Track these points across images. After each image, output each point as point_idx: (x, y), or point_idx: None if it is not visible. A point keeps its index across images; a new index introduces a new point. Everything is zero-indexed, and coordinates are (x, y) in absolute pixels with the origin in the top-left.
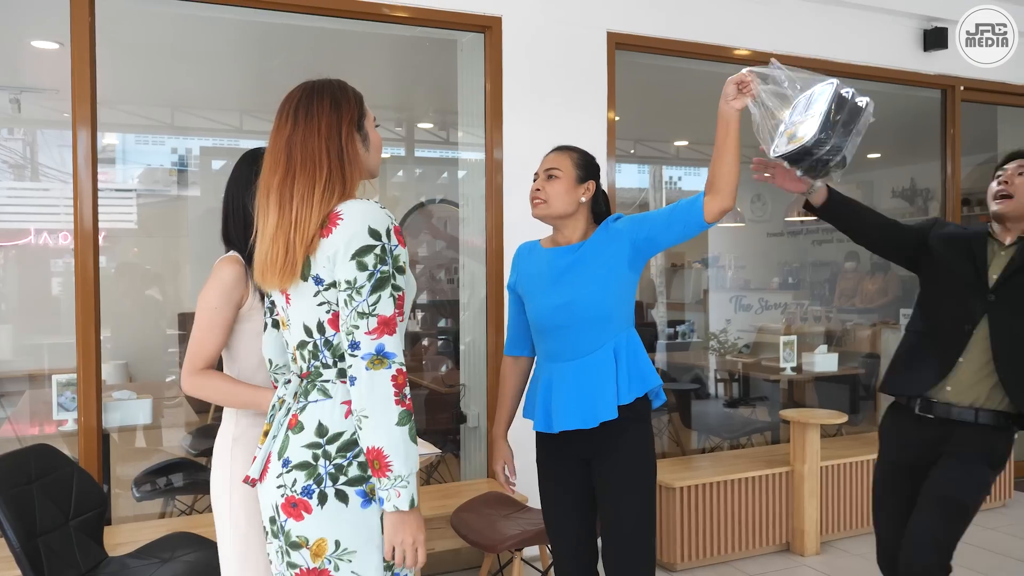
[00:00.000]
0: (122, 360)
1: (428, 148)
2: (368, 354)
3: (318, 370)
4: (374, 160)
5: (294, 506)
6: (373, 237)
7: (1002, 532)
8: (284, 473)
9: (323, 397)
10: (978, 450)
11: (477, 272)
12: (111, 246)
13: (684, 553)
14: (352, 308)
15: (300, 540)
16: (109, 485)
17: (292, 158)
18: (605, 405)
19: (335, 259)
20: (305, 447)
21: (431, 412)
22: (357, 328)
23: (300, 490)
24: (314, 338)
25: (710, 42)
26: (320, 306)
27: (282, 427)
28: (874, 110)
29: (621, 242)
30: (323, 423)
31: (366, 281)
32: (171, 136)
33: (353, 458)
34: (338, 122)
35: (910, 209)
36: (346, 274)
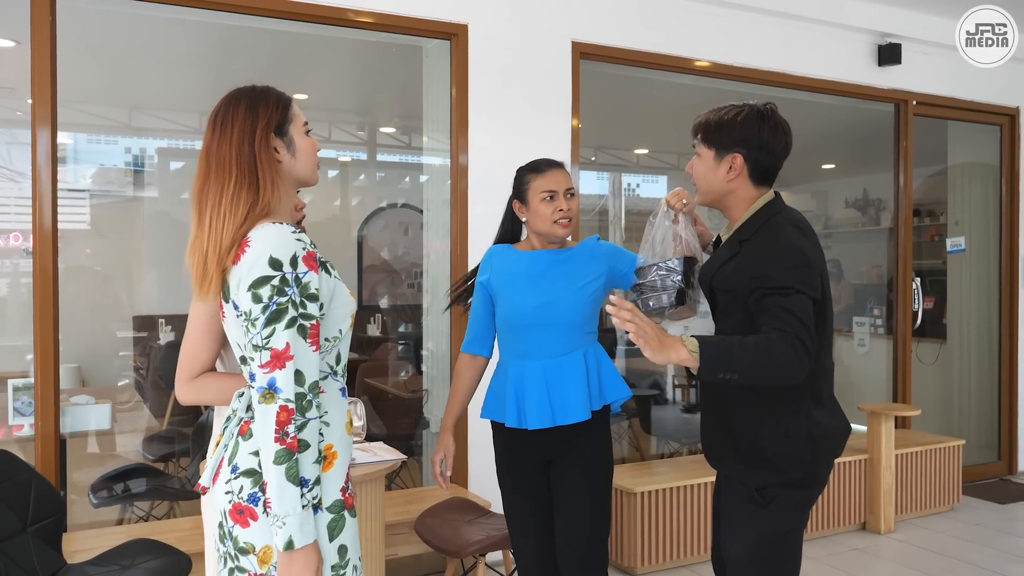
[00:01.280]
0: (74, 363)
1: (390, 152)
2: (260, 387)
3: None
4: (303, 167)
5: (240, 512)
6: (272, 267)
7: (950, 535)
8: (232, 479)
9: None
10: None
11: (439, 277)
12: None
13: (644, 557)
14: (248, 339)
15: (247, 546)
16: (65, 491)
17: (208, 166)
18: (576, 406)
19: (239, 286)
20: (252, 454)
21: (393, 417)
22: (252, 360)
23: (246, 497)
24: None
25: (672, 53)
26: (244, 325)
27: (233, 435)
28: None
29: (603, 264)
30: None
31: (260, 313)
32: (126, 136)
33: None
34: (252, 127)
35: (862, 219)
36: (244, 304)
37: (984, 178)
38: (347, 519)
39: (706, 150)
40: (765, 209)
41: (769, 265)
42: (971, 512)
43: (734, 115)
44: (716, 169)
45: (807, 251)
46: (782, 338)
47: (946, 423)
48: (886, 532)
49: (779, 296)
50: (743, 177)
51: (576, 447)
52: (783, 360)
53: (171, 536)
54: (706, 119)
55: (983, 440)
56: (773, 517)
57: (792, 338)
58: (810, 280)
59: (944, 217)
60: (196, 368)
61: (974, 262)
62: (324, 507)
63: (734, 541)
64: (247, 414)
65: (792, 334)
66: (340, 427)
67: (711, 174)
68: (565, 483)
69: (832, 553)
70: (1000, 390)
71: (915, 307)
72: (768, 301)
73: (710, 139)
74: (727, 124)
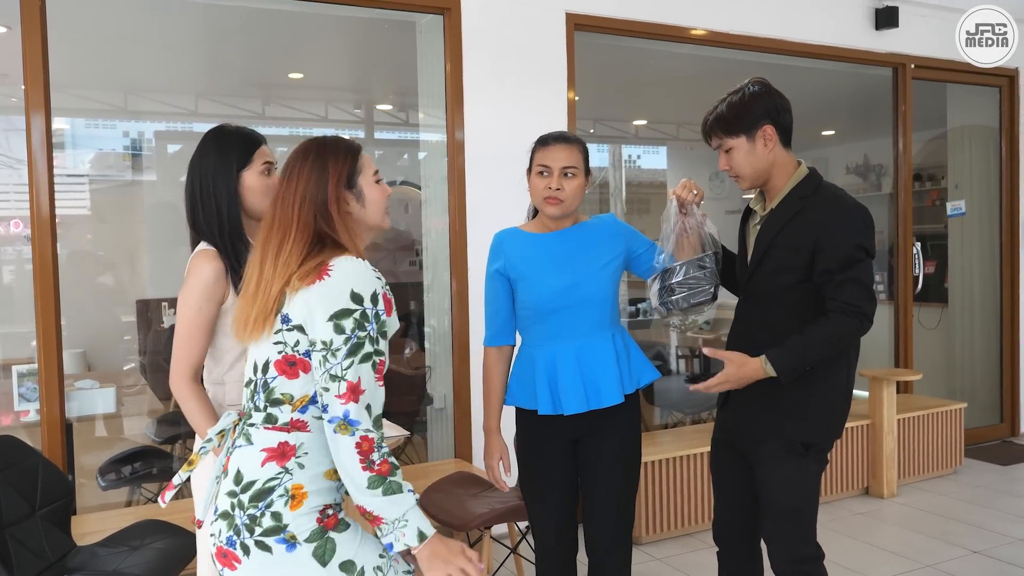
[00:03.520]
0: (79, 348)
1: (388, 130)
2: (335, 418)
3: (250, 412)
4: (373, 216)
5: (224, 556)
6: (354, 301)
7: (953, 497)
8: (213, 522)
9: (246, 443)
10: None
11: (440, 254)
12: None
13: (648, 526)
14: (325, 370)
15: None
16: (73, 475)
17: (275, 217)
18: (609, 389)
19: (312, 313)
20: (227, 495)
21: (397, 394)
22: (327, 391)
23: (225, 541)
24: (256, 377)
25: (668, 22)
26: (276, 344)
27: (218, 474)
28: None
29: (621, 243)
30: (241, 470)
31: (342, 345)
32: (123, 120)
33: (265, 508)
34: (322, 184)
35: (863, 184)
36: (323, 335)
37: (984, 141)
38: (335, 536)
39: (735, 140)
40: (813, 173)
41: (843, 222)
42: (973, 474)
43: (740, 98)
44: (754, 149)
45: (868, 212)
46: (844, 320)
47: (948, 387)
48: (889, 496)
49: (851, 267)
50: (777, 144)
51: (608, 426)
52: (849, 338)
53: (179, 516)
54: (717, 115)
55: (985, 403)
56: (811, 462)
57: (857, 314)
58: (873, 239)
59: (945, 181)
60: (193, 364)
61: (975, 226)
62: (301, 541)
63: (788, 494)
64: (230, 444)
65: (857, 311)
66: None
67: (751, 156)
68: (597, 462)
69: (835, 518)
70: (1002, 353)
71: (916, 272)
72: (840, 276)
73: (733, 128)
74: (742, 106)
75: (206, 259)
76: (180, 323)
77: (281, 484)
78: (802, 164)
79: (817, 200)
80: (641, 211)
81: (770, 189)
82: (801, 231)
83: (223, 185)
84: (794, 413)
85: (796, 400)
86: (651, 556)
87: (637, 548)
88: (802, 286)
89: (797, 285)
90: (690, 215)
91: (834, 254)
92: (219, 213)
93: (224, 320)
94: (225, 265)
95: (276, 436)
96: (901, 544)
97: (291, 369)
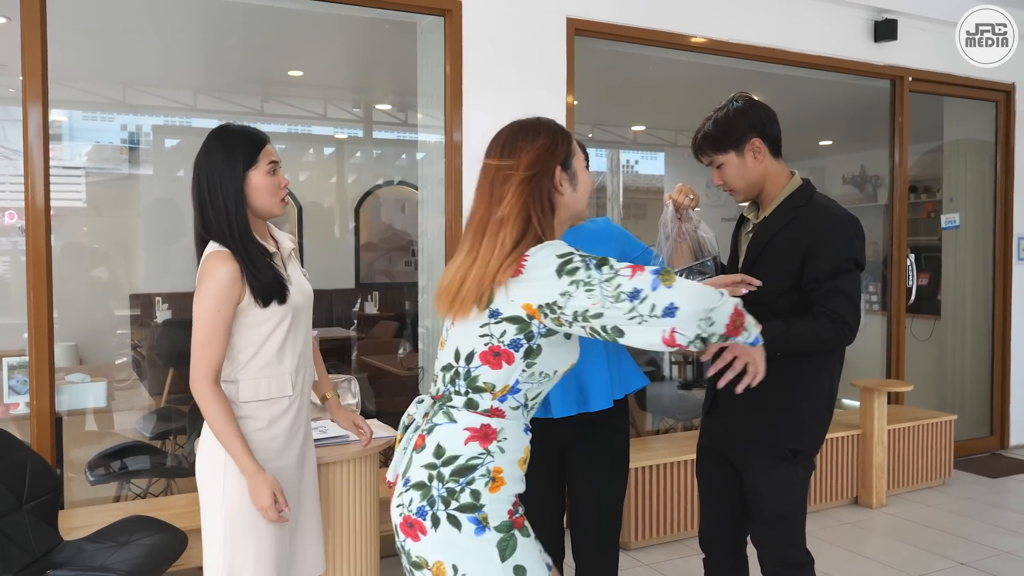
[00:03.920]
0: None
1: (386, 130)
2: (651, 281)
3: (450, 395)
4: (581, 200)
5: (411, 526)
6: (565, 255)
7: (941, 509)
8: (403, 492)
9: (447, 421)
10: None
11: (435, 255)
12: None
13: (638, 532)
14: (601, 293)
15: (420, 561)
16: (62, 469)
17: (492, 196)
18: (599, 394)
19: (536, 291)
20: (423, 467)
21: (389, 395)
22: (620, 291)
23: (415, 510)
24: (458, 365)
25: (668, 30)
26: (481, 337)
27: (408, 446)
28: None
29: (616, 247)
30: (442, 445)
31: (590, 269)
32: (121, 114)
33: (466, 484)
34: (544, 160)
35: (859, 195)
36: (561, 287)
37: (980, 155)
38: (519, 539)
39: (724, 156)
40: (807, 183)
41: (834, 233)
42: (962, 486)
43: (725, 114)
44: (744, 163)
45: (860, 224)
46: (828, 325)
47: (939, 398)
48: (878, 506)
49: (838, 277)
50: (767, 155)
51: (596, 431)
52: (829, 343)
53: (168, 513)
54: (704, 134)
55: (975, 415)
56: (800, 467)
57: (841, 324)
58: (863, 250)
59: (940, 194)
60: (216, 367)
61: (969, 239)
62: (491, 527)
63: (777, 500)
64: (424, 425)
65: (841, 321)
66: (515, 457)
67: (743, 170)
68: (585, 468)
69: (824, 527)
70: (993, 366)
71: (909, 283)
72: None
73: (722, 145)
74: (728, 122)
75: (221, 260)
76: (199, 326)
77: (483, 464)
78: (795, 174)
79: (809, 210)
80: (638, 216)
81: (764, 198)
82: (793, 239)
83: (230, 185)
84: (782, 419)
85: (783, 407)
86: (640, 562)
87: (626, 554)
88: (792, 293)
89: (787, 292)
90: (686, 220)
91: (823, 264)
92: (227, 213)
93: (239, 320)
94: (240, 265)
95: (478, 419)
96: (889, 554)
97: (495, 360)
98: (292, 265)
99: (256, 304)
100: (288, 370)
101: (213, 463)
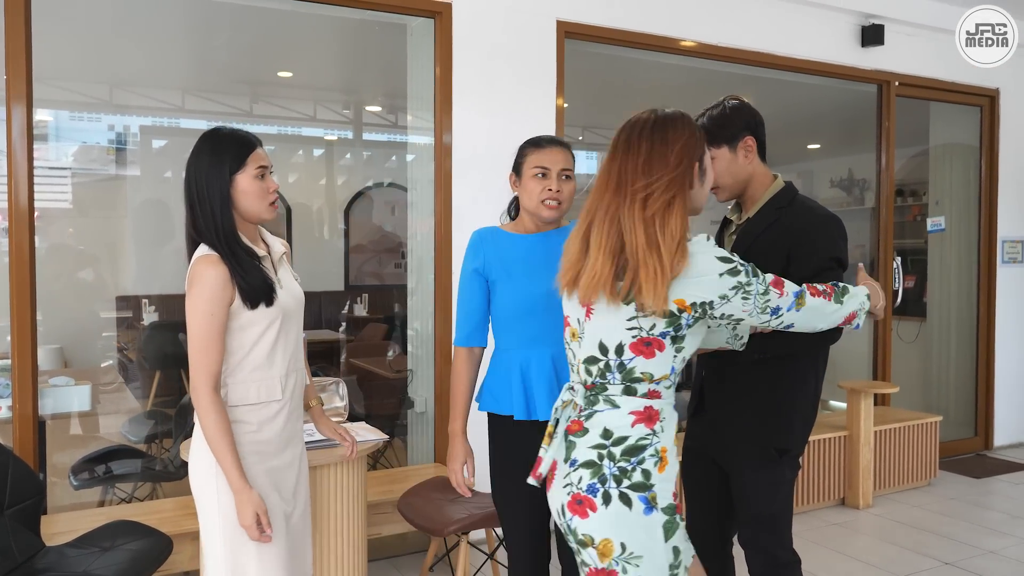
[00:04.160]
0: (56, 344)
1: (376, 131)
2: (790, 303)
3: (604, 385)
4: (705, 196)
5: (579, 503)
6: (725, 258)
7: (927, 509)
8: (571, 472)
9: (609, 407)
10: None
11: (425, 257)
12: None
13: None
14: (754, 304)
15: (586, 538)
16: (45, 474)
17: (628, 184)
18: None
19: (689, 290)
20: (591, 448)
21: (378, 397)
22: (767, 305)
23: (585, 487)
24: (607, 358)
25: (657, 33)
26: (629, 330)
27: (562, 434)
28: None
29: None
30: (608, 427)
31: (749, 276)
32: (108, 114)
33: (637, 464)
34: (690, 154)
35: (847, 198)
36: (721, 290)
37: (965, 159)
38: (678, 522)
39: (718, 149)
40: (789, 186)
41: (817, 233)
42: (948, 486)
43: (722, 110)
44: (736, 160)
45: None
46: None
47: (925, 400)
48: (864, 507)
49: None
50: (755, 155)
51: None
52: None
53: (153, 518)
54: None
55: (960, 416)
56: (786, 468)
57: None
58: (846, 249)
59: (926, 197)
60: (217, 373)
61: (954, 242)
62: (659, 507)
63: (765, 501)
64: (576, 413)
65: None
66: (672, 434)
67: (733, 166)
68: None
69: (811, 528)
70: (978, 367)
71: (896, 286)
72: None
73: (717, 138)
74: (725, 118)
75: (209, 264)
76: (194, 332)
77: (652, 445)
78: (778, 177)
79: (792, 211)
80: None
81: (747, 199)
82: (776, 239)
83: (216, 187)
84: (768, 420)
85: (769, 407)
86: None
87: None
88: None
89: None
90: None
91: (807, 263)
92: (213, 215)
93: (228, 322)
94: (228, 268)
95: (640, 402)
96: (875, 555)
97: (647, 349)
98: (284, 269)
99: (244, 306)
100: (278, 374)
101: (206, 469)
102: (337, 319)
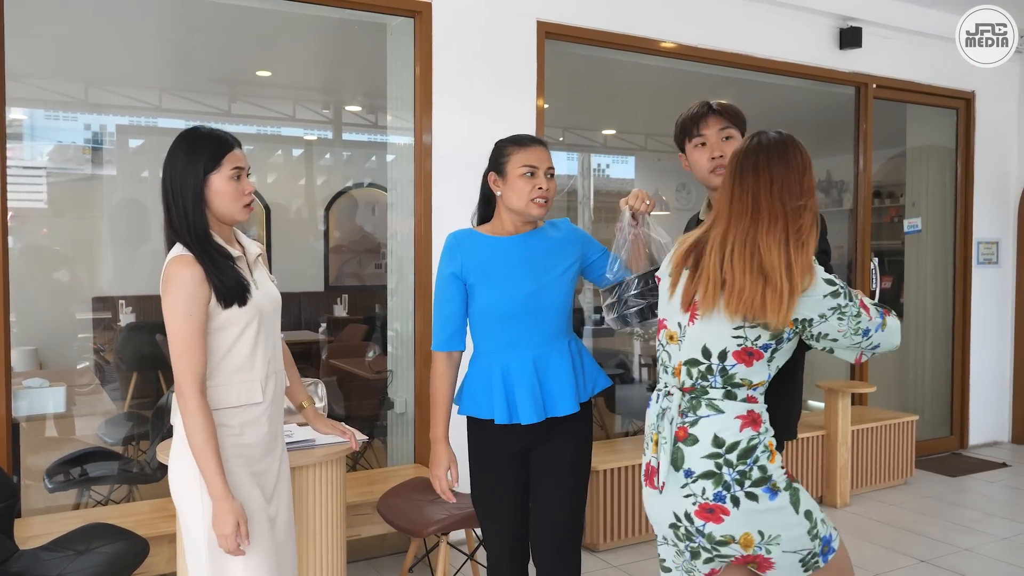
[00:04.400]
0: (31, 346)
1: (356, 131)
2: (877, 324)
3: (704, 388)
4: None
5: (710, 511)
6: (829, 279)
7: (903, 508)
8: (690, 483)
9: (714, 412)
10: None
11: (405, 258)
12: (18, 226)
13: (607, 534)
14: (848, 324)
15: (726, 538)
16: (19, 476)
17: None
18: (565, 398)
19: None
20: (705, 458)
21: (358, 398)
22: (859, 327)
23: (712, 496)
24: (710, 362)
25: (638, 34)
26: (735, 338)
27: (669, 437)
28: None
29: (578, 248)
30: (718, 435)
31: (845, 300)
32: (84, 113)
33: (753, 464)
34: (809, 173)
35: (825, 200)
36: (822, 309)
37: (941, 161)
38: (798, 488)
39: (736, 131)
40: None
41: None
42: (924, 485)
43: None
44: None
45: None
46: None
47: (901, 400)
48: (842, 506)
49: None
50: None
51: (562, 434)
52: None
53: (129, 520)
54: (724, 108)
55: (936, 416)
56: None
57: None
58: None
59: (903, 199)
60: (202, 375)
61: (930, 243)
62: (781, 489)
63: None
64: (682, 418)
65: None
66: (771, 428)
67: None
68: (548, 469)
69: None
70: (953, 367)
71: (873, 286)
72: None
73: (736, 121)
74: (737, 110)
75: (184, 264)
76: (174, 336)
77: (761, 442)
78: None
79: None
80: (609, 220)
81: None
82: None
83: (189, 186)
84: None
85: None
86: (608, 563)
87: (594, 555)
88: None
89: None
90: (642, 225)
91: None
92: (186, 214)
93: (207, 324)
94: (203, 268)
95: (743, 406)
96: (852, 553)
97: (748, 358)
98: (259, 271)
99: (219, 306)
100: (258, 377)
101: (188, 473)
102: (317, 320)
